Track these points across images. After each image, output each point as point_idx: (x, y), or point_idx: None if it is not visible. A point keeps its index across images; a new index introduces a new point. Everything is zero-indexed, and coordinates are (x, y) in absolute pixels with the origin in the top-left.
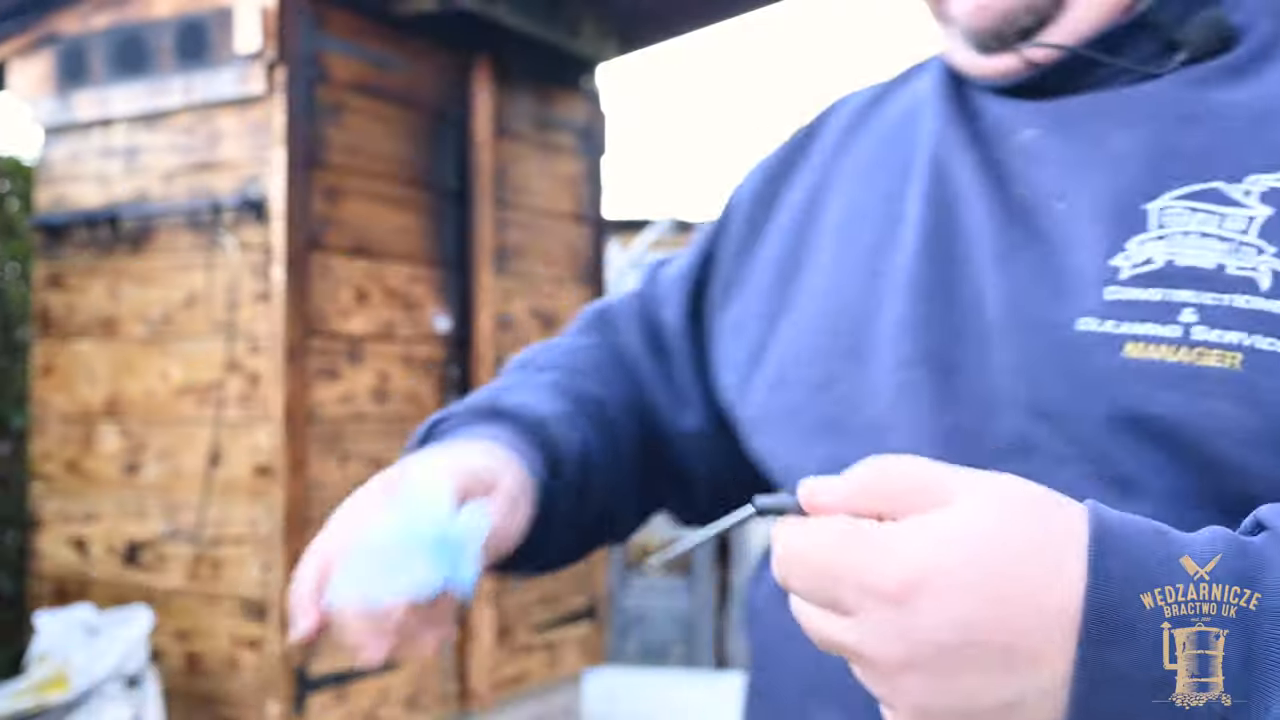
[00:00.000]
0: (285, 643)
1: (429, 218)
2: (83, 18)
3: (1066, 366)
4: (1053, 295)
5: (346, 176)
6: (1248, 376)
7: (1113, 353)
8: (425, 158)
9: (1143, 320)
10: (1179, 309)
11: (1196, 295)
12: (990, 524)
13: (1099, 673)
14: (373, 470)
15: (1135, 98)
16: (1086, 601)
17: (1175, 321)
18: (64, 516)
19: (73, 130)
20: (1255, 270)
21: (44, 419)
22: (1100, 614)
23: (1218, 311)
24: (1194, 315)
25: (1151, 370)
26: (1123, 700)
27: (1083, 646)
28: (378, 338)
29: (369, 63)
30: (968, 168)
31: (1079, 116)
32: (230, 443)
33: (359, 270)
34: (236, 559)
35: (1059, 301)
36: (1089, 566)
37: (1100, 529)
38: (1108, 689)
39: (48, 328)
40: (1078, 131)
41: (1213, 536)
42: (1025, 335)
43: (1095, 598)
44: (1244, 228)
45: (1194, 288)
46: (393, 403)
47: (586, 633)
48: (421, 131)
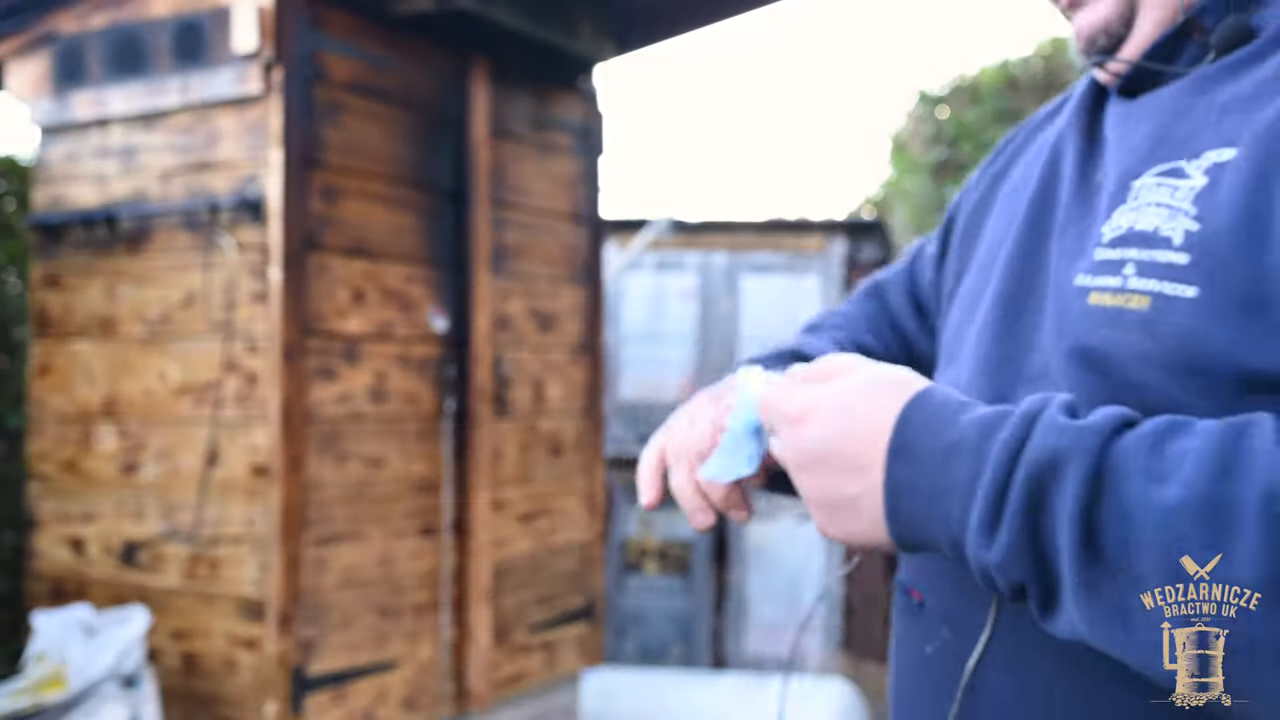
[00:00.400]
0: (283, 643)
1: (426, 218)
2: (80, 17)
3: (1062, 313)
4: (1075, 257)
5: (344, 176)
6: (1152, 315)
7: (1084, 301)
8: (422, 158)
9: (1104, 274)
10: (1125, 264)
11: (1138, 253)
12: (858, 386)
13: (897, 480)
14: (371, 471)
15: (1160, 97)
16: (893, 432)
17: (1120, 274)
18: (61, 516)
19: (70, 130)
20: (1174, 229)
21: (41, 419)
22: (899, 442)
23: (1145, 265)
24: (1132, 269)
25: (1098, 313)
26: (912, 501)
27: (888, 462)
28: (375, 338)
29: (366, 63)
30: (1071, 154)
31: (1132, 114)
32: (228, 443)
33: (356, 270)
34: (234, 559)
35: (1075, 262)
36: (900, 413)
37: (922, 394)
38: (905, 493)
39: (45, 328)
40: (1126, 127)
41: (998, 410)
42: (1057, 290)
43: (897, 431)
44: (1185, 196)
45: (1138, 247)
46: (390, 403)
47: (584, 633)
48: (419, 131)
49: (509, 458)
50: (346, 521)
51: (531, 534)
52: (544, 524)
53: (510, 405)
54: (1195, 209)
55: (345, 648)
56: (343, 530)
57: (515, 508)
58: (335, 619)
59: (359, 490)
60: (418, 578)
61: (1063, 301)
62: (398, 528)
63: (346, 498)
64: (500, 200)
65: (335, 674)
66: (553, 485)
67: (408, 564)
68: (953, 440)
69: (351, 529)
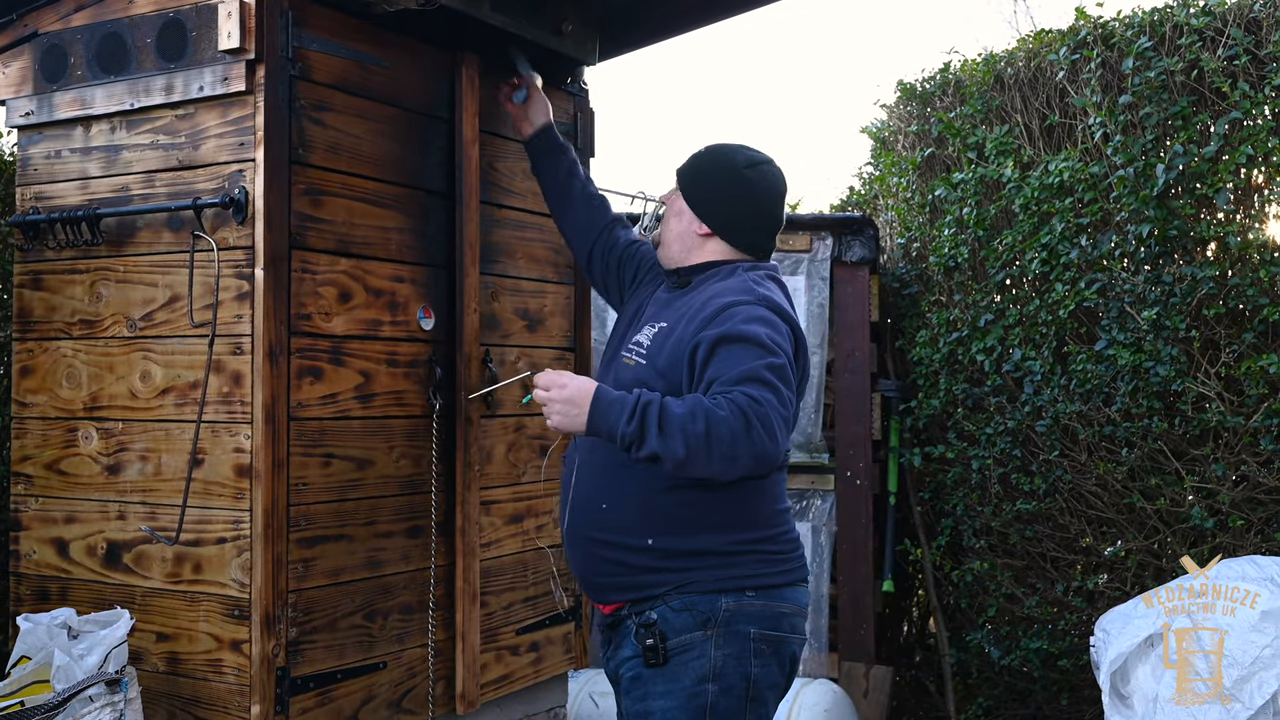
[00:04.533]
0: (267, 644)
1: (414, 217)
2: (62, 16)
3: (614, 365)
4: (621, 346)
5: (329, 175)
6: (635, 368)
7: (622, 363)
8: (410, 156)
9: (630, 352)
10: (635, 347)
11: (637, 345)
12: (581, 386)
13: (593, 414)
14: (357, 471)
15: (667, 296)
16: (594, 392)
17: (633, 352)
18: (44, 518)
19: (52, 128)
20: (646, 340)
21: (23, 420)
22: (596, 395)
23: (636, 350)
24: (634, 349)
25: (627, 368)
26: (599, 418)
27: (592, 404)
28: (362, 337)
29: (352, 60)
30: (640, 303)
31: (659, 299)
32: (211, 443)
33: (342, 269)
34: (218, 560)
35: (621, 347)
36: (596, 388)
37: (603, 390)
38: (597, 415)
39: (27, 327)
40: (663, 302)
41: (636, 393)
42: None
43: (596, 392)
44: (651, 331)
45: (638, 343)
46: (377, 402)
47: (571, 634)
48: (406, 130)
49: (497, 457)
50: (332, 522)
51: (520, 535)
52: (531, 525)
53: (498, 404)
54: (651, 338)
55: (331, 649)
56: (328, 531)
57: (504, 508)
58: (321, 620)
59: (345, 491)
60: (405, 578)
61: (614, 365)
62: (385, 528)
63: (332, 498)
64: (488, 199)
65: (321, 675)
66: (540, 485)
67: (395, 565)
68: (616, 397)
69: (337, 529)
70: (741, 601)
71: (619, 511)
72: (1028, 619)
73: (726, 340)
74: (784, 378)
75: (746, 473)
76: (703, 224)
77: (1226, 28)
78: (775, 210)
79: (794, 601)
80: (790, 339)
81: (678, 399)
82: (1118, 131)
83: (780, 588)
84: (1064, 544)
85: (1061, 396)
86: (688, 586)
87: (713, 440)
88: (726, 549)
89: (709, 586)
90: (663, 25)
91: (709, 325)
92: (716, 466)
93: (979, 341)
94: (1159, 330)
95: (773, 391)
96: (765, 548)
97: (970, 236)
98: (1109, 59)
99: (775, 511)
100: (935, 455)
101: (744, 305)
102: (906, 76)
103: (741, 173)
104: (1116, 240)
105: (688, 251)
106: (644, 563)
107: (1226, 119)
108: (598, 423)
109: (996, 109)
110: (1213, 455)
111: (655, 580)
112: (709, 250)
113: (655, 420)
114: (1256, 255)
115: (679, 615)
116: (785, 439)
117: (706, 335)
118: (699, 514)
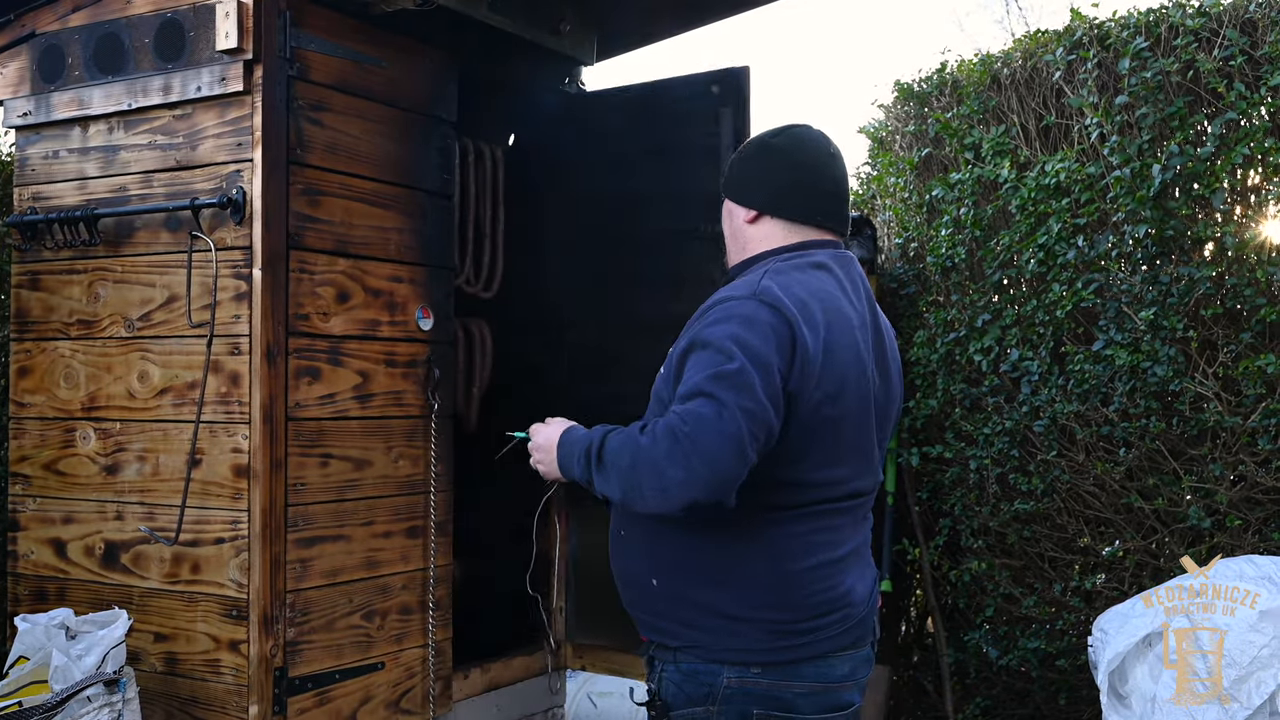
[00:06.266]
0: (265, 644)
1: (413, 217)
2: (60, 16)
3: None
4: None
5: (328, 175)
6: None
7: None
8: (408, 156)
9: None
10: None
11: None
12: (555, 427)
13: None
14: (355, 471)
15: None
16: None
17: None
18: (42, 518)
19: (50, 129)
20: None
21: (22, 420)
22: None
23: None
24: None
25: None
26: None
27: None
28: (360, 338)
29: (350, 60)
30: None
31: None
32: (209, 444)
33: (340, 270)
34: (216, 560)
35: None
36: (561, 434)
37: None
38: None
39: (24, 328)
40: None
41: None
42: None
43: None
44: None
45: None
46: (376, 403)
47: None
48: (404, 129)
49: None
50: (330, 522)
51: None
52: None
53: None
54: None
55: (329, 649)
56: (326, 531)
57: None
58: (319, 620)
59: (343, 491)
60: (405, 579)
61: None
62: (384, 528)
63: (331, 498)
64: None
65: (318, 675)
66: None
67: (394, 565)
68: (576, 438)
69: (336, 530)
70: (745, 678)
71: (631, 544)
72: (1026, 619)
73: (691, 348)
74: (737, 384)
75: (690, 502)
76: (748, 209)
77: (1222, 28)
78: (823, 166)
79: (813, 679)
80: (783, 334)
81: (620, 432)
82: (1114, 132)
83: (797, 664)
84: (1062, 544)
85: (1059, 396)
86: (693, 649)
87: (640, 472)
88: (732, 612)
89: (713, 655)
90: (660, 26)
91: (687, 331)
92: (651, 501)
93: (976, 342)
94: (1156, 330)
95: (712, 404)
96: (776, 616)
97: (967, 237)
98: (1105, 60)
99: (799, 571)
100: (933, 455)
101: (726, 303)
102: (903, 77)
103: (767, 143)
104: (1113, 240)
105: (742, 248)
106: (654, 604)
107: (1223, 119)
108: (564, 467)
109: (993, 109)
110: (1210, 455)
111: (665, 627)
112: (762, 237)
113: (596, 458)
114: (1253, 255)
115: (682, 686)
116: (737, 456)
117: (680, 344)
118: (698, 564)
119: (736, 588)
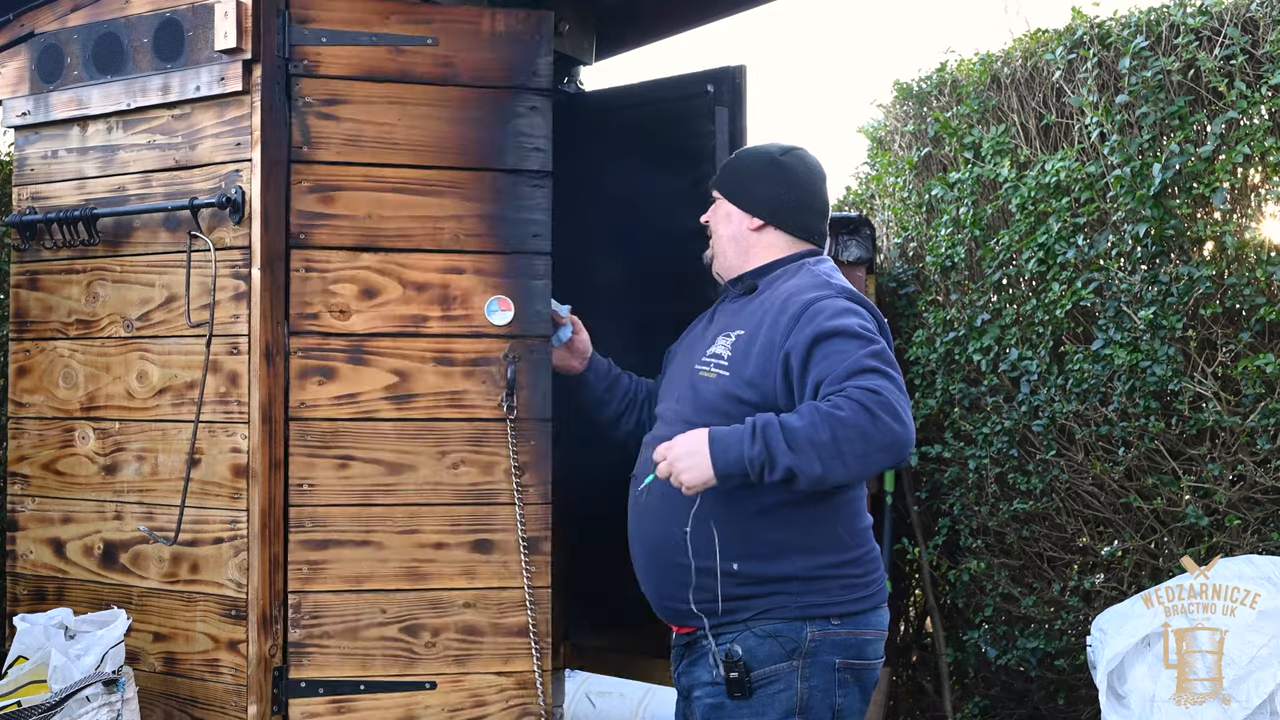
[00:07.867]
0: (264, 644)
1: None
2: (59, 15)
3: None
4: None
5: (346, 170)
6: (716, 380)
7: (700, 378)
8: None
9: (706, 365)
10: (713, 359)
11: (713, 358)
12: (692, 435)
13: (714, 454)
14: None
15: (735, 305)
16: (710, 434)
17: (710, 365)
18: (41, 518)
19: (49, 128)
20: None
21: (20, 420)
22: (713, 437)
23: (716, 362)
24: (712, 362)
25: (709, 382)
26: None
27: (710, 448)
28: (394, 335)
29: (380, 47)
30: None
31: (726, 309)
32: (208, 443)
33: (365, 265)
34: (215, 560)
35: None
36: (710, 434)
37: (715, 429)
38: (719, 457)
39: (23, 327)
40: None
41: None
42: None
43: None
44: (729, 342)
45: (715, 355)
46: (419, 404)
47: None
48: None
49: None
50: (351, 525)
51: None
52: None
53: None
54: (730, 348)
55: (351, 657)
56: (345, 535)
57: None
58: (335, 625)
59: (370, 495)
60: (469, 595)
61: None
62: (433, 538)
63: (352, 501)
64: None
65: (334, 682)
66: None
67: (450, 580)
68: (730, 430)
69: (360, 534)
70: (827, 630)
71: (701, 536)
72: (1024, 619)
73: (821, 339)
74: (890, 361)
75: (884, 466)
76: (754, 218)
77: (1223, 27)
78: (820, 190)
79: (877, 626)
80: (875, 325)
81: (794, 413)
82: (1114, 131)
83: (864, 613)
84: (1061, 544)
85: (1058, 396)
86: (773, 612)
87: (842, 443)
88: (811, 574)
89: (794, 614)
90: (659, 25)
91: (796, 327)
92: (854, 469)
93: (976, 341)
94: (1156, 330)
95: (885, 377)
96: (849, 571)
97: (967, 236)
98: (1105, 59)
99: (858, 530)
100: (932, 455)
101: (826, 299)
102: (903, 76)
103: (778, 159)
104: (1113, 240)
105: (745, 254)
106: (727, 588)
107: (1223, 118)
108: (722, 461)
109: (993, 109)
110: (1209, 455)
111: (738, 605)
112: (766, 245)
113: (780, 439)
114: (1253, 255)
115: (764, 645)
116: (911, 422)
117: (798, 339)
118: (785, 537)
119: (819, 553)
